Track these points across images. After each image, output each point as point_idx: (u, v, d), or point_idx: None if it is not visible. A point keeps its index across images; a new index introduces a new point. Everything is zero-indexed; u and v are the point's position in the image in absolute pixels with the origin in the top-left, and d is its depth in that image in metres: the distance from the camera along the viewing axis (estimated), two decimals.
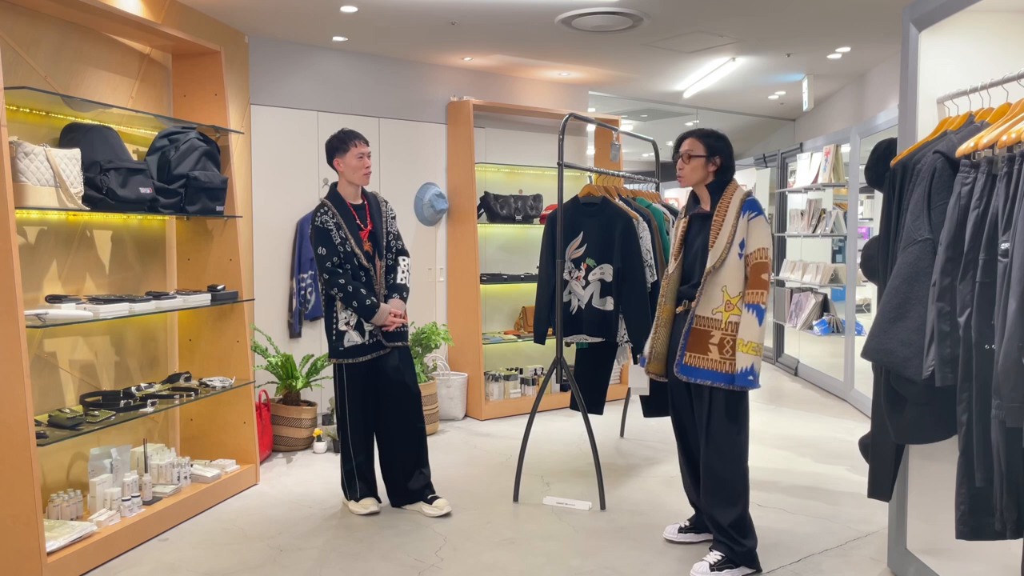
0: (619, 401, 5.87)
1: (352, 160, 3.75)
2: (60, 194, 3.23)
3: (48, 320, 3.15)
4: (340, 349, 3.75)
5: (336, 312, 3.75)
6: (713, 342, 3.18)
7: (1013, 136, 2.16)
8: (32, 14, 3.43)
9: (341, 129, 3.83)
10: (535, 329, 4.36)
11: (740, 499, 3.18)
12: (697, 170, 3.26)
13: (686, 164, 3.28)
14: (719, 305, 3.19)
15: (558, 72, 6.34)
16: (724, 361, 3.15)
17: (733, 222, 3.19)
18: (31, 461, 2.93)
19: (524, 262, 6.37)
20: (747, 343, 3.11)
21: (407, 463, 3.89)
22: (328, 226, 3.70)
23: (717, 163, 3.25)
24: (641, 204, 4.58)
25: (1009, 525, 2.22)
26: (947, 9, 2.78)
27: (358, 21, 4.85)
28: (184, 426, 4.42)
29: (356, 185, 3.81)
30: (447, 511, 3.84)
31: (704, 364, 3.18)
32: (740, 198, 3.22)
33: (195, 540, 3.57)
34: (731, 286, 3.18)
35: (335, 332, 3.75)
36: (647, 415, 4.56)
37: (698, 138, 3.28)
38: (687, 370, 3.21)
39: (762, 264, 3.15)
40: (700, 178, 3.27)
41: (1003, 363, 2.07)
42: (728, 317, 3.18)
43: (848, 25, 5.15)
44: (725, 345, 3.16)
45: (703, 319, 3.21)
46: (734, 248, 3.17)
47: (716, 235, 3.21)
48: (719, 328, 3.18)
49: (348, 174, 3.77)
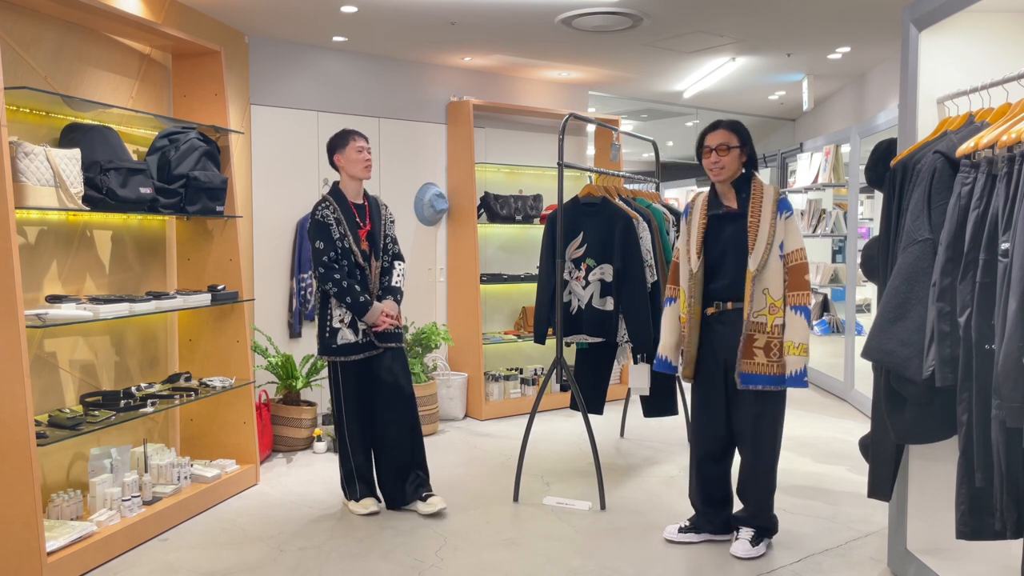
0: (619, 401, 5.87)
1: (352, 153, 3.76)
2: (60, 194, 3.23)
3: (48, 320, 3.15)
4: (332, 347, 3.74)
5: (331, 309, 3.75)
6: (758, 346, 3.21)
7: (1013, 136, 2.16)
8: (32, 14, 3.43)
9: (339, 130, 3.87)
10: (535, 329, 4.36)
11: (775, 474, 3.39)
12: (735, 161, 3.23)
13: (724, 156, 3.21)
14: (763, 308, 3.19)
15: (558, 72, 6.34)
16: (772, 364, 3.19)
17: (771, 221, 3.18)
18: (31, 461, 2.93)
19: (524, 262, 6.37)
20: (797, 345, 3.16)
21: (402, 466, 3.86)
22: (328, 220, 3.70)
23: (747, 154, 3.26)
24: (641, 204, 4.57)
25: (1009, 525, 2.22)
26: (947, 9, 2.78)
27: (358, 21, 4.85)
28: (184, 426, 4.42)
29: (358, 181, 3.82)
30: (441, 507, 3.81)
31: (753, 369, 3.22)
32: (773, 197, 3.22)
33: (195, 540, 3.57)
34: (773, 289, 3.19)
35: (328, 329, 3.75)
36: (647, 415, 4.57)
37: (731, 129, 3.24)
38: (746, 378, 3.22)
39: (802, 265, 3.19)
40: (736, 169, 3.25)
41: (1003, 363, 2.07)
42: (773, 320, 3.19)
43: (848, 25, 5.15)
44: (772, 348, 3.20)
45: (748, 323, 3.21)
46: (774, 250, 3.18)
47: (755, 237, 3.18)
48: (764, 332, 3.20)
49: (348, 167, 3.78)
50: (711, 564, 3.29)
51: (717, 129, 3.26)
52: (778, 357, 3.19)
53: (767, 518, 3.39)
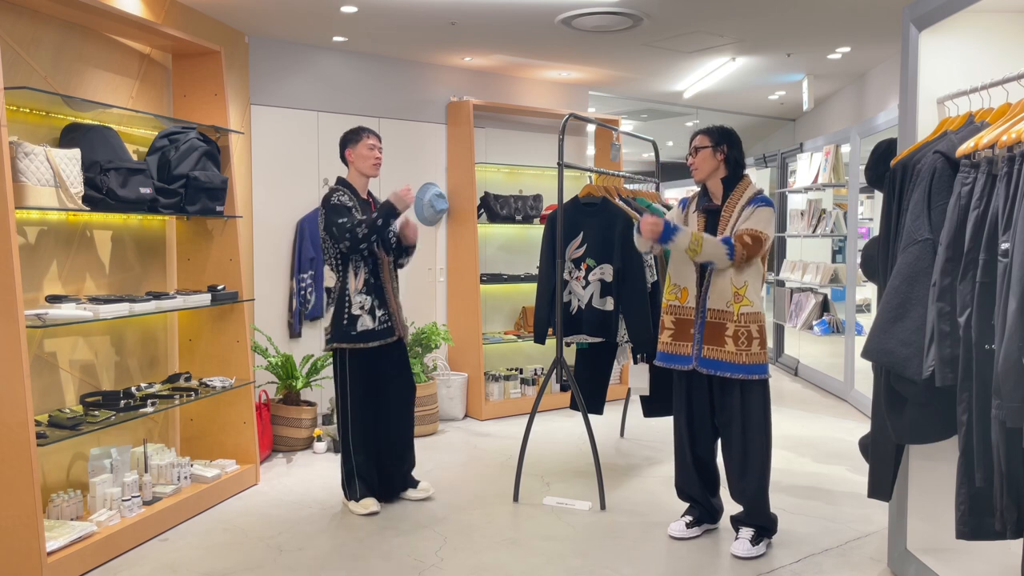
0: (619, 401, 5.87)
1: (363, 150, 3.84)
2: (60, 194, 3.23)
3: (48, 320, 3.15)
4: (352, 333, 3.77)
5: (349, 296, 3.79)
6: (728, 334, 3.28)
7: (1013, 136, 2.16)
8: (32, 14, 3.43)
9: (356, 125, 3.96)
10: (535, 329, 4.36)
11: (768, 471, 3.38)
12: (707, 160, 3.38)
13: (694, 157, 3.41)
14: (729, 297, 3.29)
15: (558, 72, 6.34)
16: (740, 352, 3.26)
17: (738, 214, 3.31)
18: (31, 461, 2.93)
19: (524, 262, 6.37)
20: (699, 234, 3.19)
21: (402, 453, 4.01)
22: (347, 203, 3.76)
23: (724, 151, 3.36)
24: (641, 204, 4.57)
25: (1009, 525, 2.22)
26: (947, 9, 2.78)
27: (358, 21, 4.86)
28: (184, 426, 4.42)
29: (365, 178, 3.90)
30: (432, 491, 4.06)
31: (721, 356, 3.29)
32: (750, 194, 3.35)
33: (195, 540, 3.57)
34: (735, 276, 3.27)
35: (347, 316, 3.77)
36: (647, 415, 4.57)
37: (704, 132, 3.42)
38: (706, 363, 3.31)
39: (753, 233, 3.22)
40: (711, 169, 3.39)
41: (1003, 363, 2.07)
42: (739, 308, 3.28)
43: (848, 25, 5.15)
44: (740, 336, 3.27)
45: (716, 312, 3.31)
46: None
47: (723, 228, 3.33)
48: (732, 320, 3.28)
49: (358, 164, 3.86)
50: (711, 564, 3.29)
51: (697, 134, 3.45)
52: (746, 346, 3.27)
53: (765, 517, 3.40)
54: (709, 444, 3.51)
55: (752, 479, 3.36)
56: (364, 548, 3.47)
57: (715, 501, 3.59)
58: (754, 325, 3.28)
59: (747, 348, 3.26)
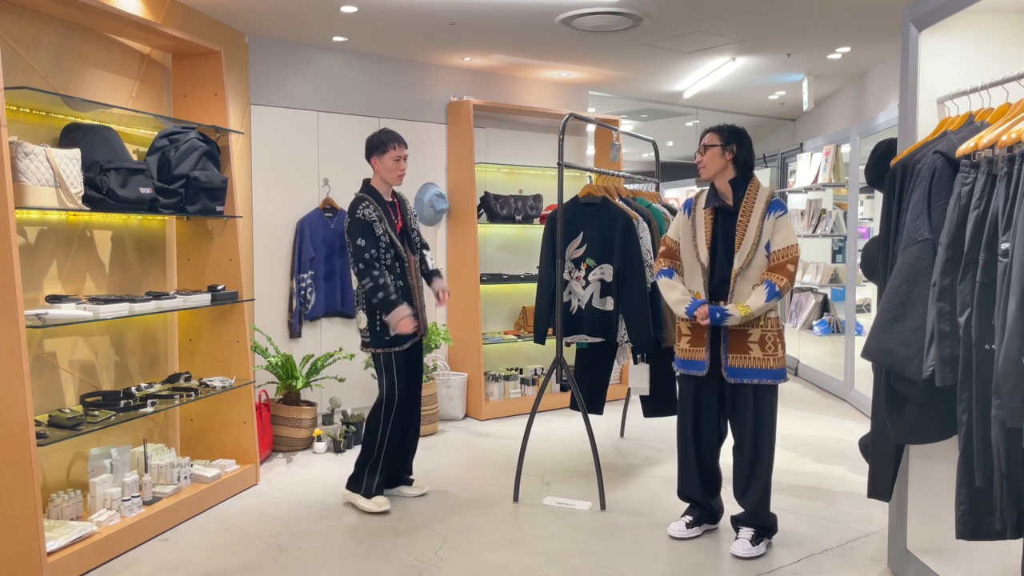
0: (619, 401, 5.87)
1: (389, 162, 3.88)
2: (60, 194, 3.23)
3: (48, 320, 3.15)
4: (386, 338, 3.82)
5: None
6: (753, 340, 3.28)
7: (1013, 136, 2.16)
8: (32, 14, 3.43)
9: (383, 129, 3.98)
10: (535, 329, 4.36)
11: (770, 474, 3.40)
12: (715, 159, 3.36)
13: (703, 155, 3.39)
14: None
15: (558, 72, 6.34)
16: (768, 358, 3.27)
17: (759, 223, 3.27)
18: (31, 461, 2.93)
19: (524, 262, 6.37)
20: (746, 306, 3.19)
21: (410, 448, 4.12)
22: (371, 219, 3.79)
23: (733, 151, 3.34)
24: (641, 204, 4.58)
25: (1009, 525, 2.22)
26: (947, 9, 2.78)
27: (358, 21, 4.86)
28: (184, 426, 4.42)
29: (388, 184, 3.96)
30: (426, 490, 4.15)
31: (747, 363, 3.29)
32: (765, 198, 3.32)
33: (195, 540, 3.57)
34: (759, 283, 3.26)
35: (380, 322, 3.80)
36: (647, 415, 4.57)
37: (715, 130, 3.41)
38: (735, 372, 3.30)
39: (790, 258, 3.24)
40: (719, 167, 3.37)
41: (1003, 363, 2.07)
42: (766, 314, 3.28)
43: (848, 25, 5.15)
44: (767, 341, 3.27)
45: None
46: (760, 249, 3.26)
47: (742, 235, 3.29)
48: (757, 325, 3.28)
49: (383, 173, 3.91)
50: (711, 564, 3.29)
51: (707, 132, 3.43)
52: (773, 351, 3.27)
53: (766, 517, 3.41)
54: (714, 448, 3.50)
55: (760, 483, 3.36)
56: (364, 548, 3.47)
57: (715, 502, 3.59)
58: (776, 329, 3.30)
59: (774, 353, 3.27)
